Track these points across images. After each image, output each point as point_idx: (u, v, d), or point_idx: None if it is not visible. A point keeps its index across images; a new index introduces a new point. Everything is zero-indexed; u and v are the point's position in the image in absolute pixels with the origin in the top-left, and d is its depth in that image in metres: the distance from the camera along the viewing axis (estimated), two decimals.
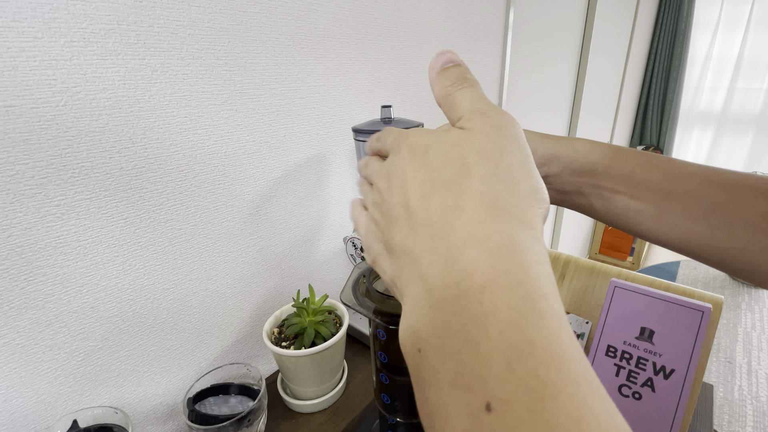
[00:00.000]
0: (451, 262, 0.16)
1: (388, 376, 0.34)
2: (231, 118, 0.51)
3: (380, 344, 0.33)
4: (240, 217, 0.55)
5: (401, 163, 0.20)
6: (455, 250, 0.16)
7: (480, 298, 0.14)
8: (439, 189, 0.18)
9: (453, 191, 0.17)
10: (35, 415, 0.41)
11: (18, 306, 0.38)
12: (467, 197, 0.17)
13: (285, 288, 0.65)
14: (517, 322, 0.14)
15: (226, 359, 0.59)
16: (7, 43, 0.33)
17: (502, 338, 0.14)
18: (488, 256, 0.15)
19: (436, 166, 0.18)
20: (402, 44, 0.74)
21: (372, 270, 0.35)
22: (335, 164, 0.67)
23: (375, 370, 0.35)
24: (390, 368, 0.34)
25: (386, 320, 0.29)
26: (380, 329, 0.33)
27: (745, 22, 2.75)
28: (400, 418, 0.36)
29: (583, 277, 0.51)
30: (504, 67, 1.09)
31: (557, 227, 1.99)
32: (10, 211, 0.36)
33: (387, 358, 0.33)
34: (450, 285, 0.15)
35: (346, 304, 0.31)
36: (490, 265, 0.15)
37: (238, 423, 0.42)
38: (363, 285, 0.33)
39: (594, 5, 1.61)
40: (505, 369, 0.13)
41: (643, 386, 0.42)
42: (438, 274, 0.16)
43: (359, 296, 0.31)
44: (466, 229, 0.16)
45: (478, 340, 0.14)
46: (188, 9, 0.44)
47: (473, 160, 0.18)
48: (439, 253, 0.16)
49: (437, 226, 0.17)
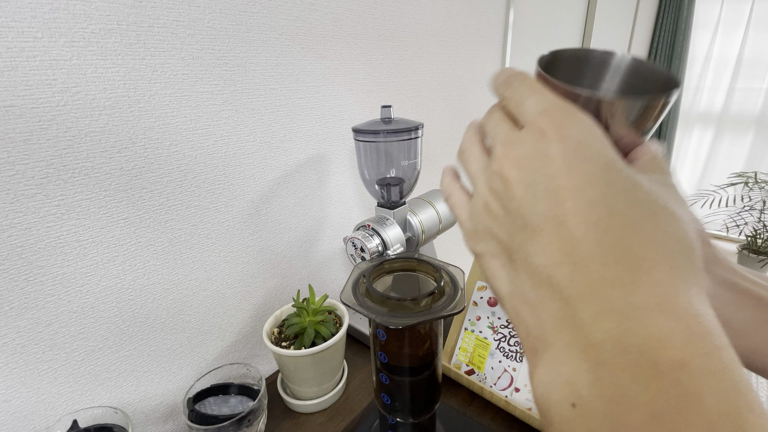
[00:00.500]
0: (636, 324, 0.14)
1: (388, 376, 0.34)
2: (231, 118, 0.51)
3: (380, 344, 0.33)
4: (240, 217, 0.55)
5: (556, 161, 0.15)
6: (642, 311, 0.14)
7: (677, 376, 0.13)
8: (621, 226, 0.14)
9: (640, 236, 0.14)
10: (35, 415, 0.41)
11: (18, 306, 0.38)
12: (657, 250, 0.14)
13: (285, 288, 0.65)
14: (730, 415, 0.12)
15: (226, 359, 0.59)
16: (7, 43, 0.33)
17: (711, 430, 0.12)
18: (686, 331, 0.13)
19: (618, 194, 0.15)
20: (402, 44, 0.74)
21: (372, 270, 0.34)
22: (335, 164, 0.67)
23: (375, 370, 0.35)
24: (390, 368, 0.34)
25: (386, 320, 0.29)
26: (380, 329, 0.32)
27: (745, 22, 2.75)
28: (400, 418, 0.36)
29: None
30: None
31: None
32: (10, 211, 0.36)
33: (387, 358, 0.33)
34: (630, 349, 0.13)
35: (346, 305, 0.31)
36: (688, 342, 0.13)
37: (238, 423, 0.42)
38: (363, 285, 0.32)
39: (594, 5, 1.61)
40: None
41: None
42: (611, 331, 0.14)
43: (359, 296, 0.31)
44: (657, 290, 0.14)
45: (674, 422, 0.12)
46: (188, 9, 0.44)
47: (665, 212, 0.15)
48: (616, 307, 0.14)
49: (614, 270, 0.14)
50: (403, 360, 0.33)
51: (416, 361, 0.33)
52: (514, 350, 0.51)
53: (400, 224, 0.57)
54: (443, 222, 0.64)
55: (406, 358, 0.33)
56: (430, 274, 0.35)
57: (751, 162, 2.92)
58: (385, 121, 0.54)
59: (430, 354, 0.34)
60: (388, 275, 0.36)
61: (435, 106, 0.88)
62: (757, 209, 2.39)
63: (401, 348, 0.33)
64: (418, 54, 0.78)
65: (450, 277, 0.33)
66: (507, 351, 0.51)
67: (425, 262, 0.35)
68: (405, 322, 0.28)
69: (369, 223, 0.55)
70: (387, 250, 0.54)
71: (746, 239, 2.43)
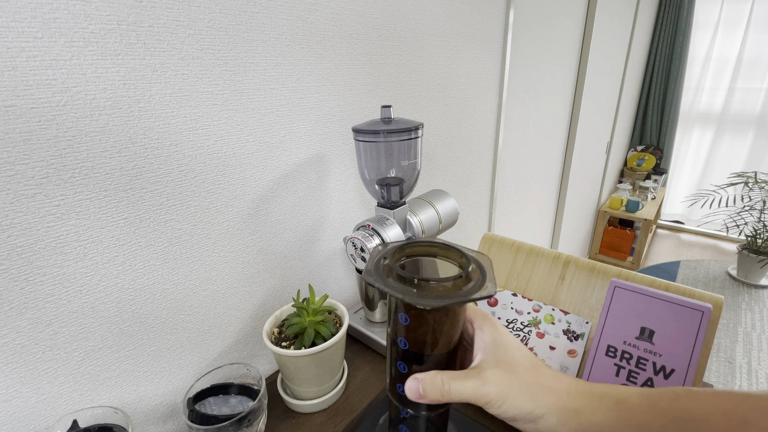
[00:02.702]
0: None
1: (407, 365, 0.32)
2: (231, 118, 0.51)
3: (402, 329, 0.31)
4: (240, 217, 0.55)
5: None
6: None
7: None
8: None
9: None
10: (35, 415, 0.41)
11: (18, 306, 0.38)
12: None
13: (285, 288, 0.65)
14: None
15: (226, 359, 0.59)
16: (7, 43, 0.33)
17: None
18: None
19: None
20: (402, 44, 0.74)
21: (395, 250, 0.33)
22: (335, 164, 0.67)
23: (391, 359, 0.33)
24: (410, 356, 0.31)
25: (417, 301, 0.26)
26: (402, 313, 0.30)
27: (745, 22, 2.75)
28: (414, 410, 0.34)
29: (583, 277, 0.51)
30: (504, 67, 1.09)
31: (557, 227, 1.99)
32: (10, 211, 0.36)
33: (408, 344, 0.31)
34: None
35: (370, 284, 0.29)
36: None
37: (238, 423, 0.42)
38: (385, 267, 0.31)
39: (594, 5, 1.61)
40: None
41: (643, 386, 0.42)
42: None
43: (382, 276, 0.29)
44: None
45: None
46: (188, 9, 0.44)
47: None
48: None
49: None
50: (425, 347, 0.31)
51: (439, 348, 0.32)
52: None
53: (400, 224, 0.57)
54: (443, 222, 0.64)
55: (429, 345, 0.31)
56: (454, 259, 0.33)
57: (751, 162, 2.92)
58: (385, 121, 0.54)
59: (452, 342, 0.33)
60: (409, 259, 0.35)
61: (435, 106, 0.88)
62: (757, 209, 2.39)
63: (425, 334, 0.31)
64: (418, 54, 0.78)
65: (477, 264, 0.32)
66: None
67: (451, 248, 0.33)
68: (436, 303, 0.26)
69: (369, 223, 0.55)
70: None
71: (746, 239, 2.43)
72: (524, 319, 0.52)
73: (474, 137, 1.06)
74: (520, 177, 1.41)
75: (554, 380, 0.29)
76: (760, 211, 2.36)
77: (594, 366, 0.45)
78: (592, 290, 0.50)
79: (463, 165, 1.05)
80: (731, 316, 2.17)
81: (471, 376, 0.28)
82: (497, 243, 0.58)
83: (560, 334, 0.49)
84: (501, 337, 0.31)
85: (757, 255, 2.36)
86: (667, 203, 3.41)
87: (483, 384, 0.28)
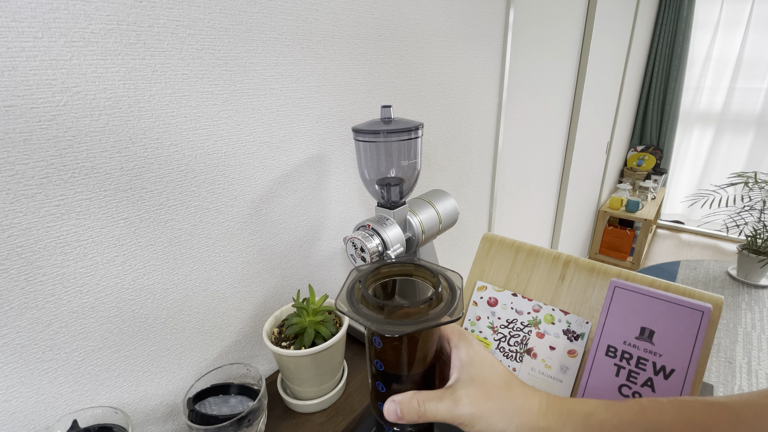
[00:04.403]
0: None
1: (385, 385, 0.33)
2: (231, 118, 0.51)
3: (376, 352, 0.32)
4: (240, 217, 0.55)
5: None
6: None
7: None
8: None
9: None
10: (35, 415, 0.41)
11: (18, 306, 0.38)
12: None
13: (285, 288, 0.65)
14: None
15: (226, 359, 0.59)
16: (7, 43, 0.33)
17: None
18: None
19: None
20: (402, 44, 0.74)
21: (368, 275, 0.34)
22: (335, 164, 0.67)
23: (371, 378, 0.34)
24: (386, 377, 0.33)
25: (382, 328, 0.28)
26: (376, 337, 0.31)
27: (745, 22, 2.75)
28: (398, 427, 0.35)
29: (583, 277, 0.51)
30: (504, 67, 1.09)
31: (557, 227, 1.99)
32: (10, 211, 0.36)
33: (383, 366, 0.32)
34: None
35: (340, 311, 0.30)
36: None
37: (238, 423, 0.42)
38: (359, 291, 0.32)
39: (594, 5, 1.61)
40: None
41: (643, 386, 0.42)
42: None
43: (354, 302, 0.31)
44: None
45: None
46: (188, 9, 0.44)
47: None
48: None
49: None
50: (400, 368, 0.32)
51: (415, 368, 0.33)
52: (514, 350, 0.51)
53: (400, 224, 0.57)
54: (443, 222, 0.64)
55: (404, 366, 0.32)
56: (428, 279, 0.35)
57: (751, 162, 2.92)
58: (385, 121, 0.54)
59: (428, 360, 0.33)
60: (385, 280, 0.36)
61: (435, 106, 0.88)
62: (757, 209, 2.39)
63: (398, 356, 0.32)
64: (418, 54, 0.78)
65: (448, 283, 0.33)
66: (507, 351, 0.51)
67: (423, 267, 0.35)
68: (401, 329, 0.27)
69: (369, 223, 0.55)
70: (387, 250, 0.54)
71: (746, 239, 2.42)
72: (524, 319, 0.52)
73: (474, 137, 1.06)
74: (520, 177, 1.41)
75: (526, 398, 0.30)
76: (760, 211, 2.36)
77: (594, 366, 0.45)
78: (592, 290, 0.50)
79: (463, 165, 1.05)
80: (731, 316, 2.17)
81: (445, 397, 0.29)
82: (497, 243, 0.58)
83: (560, 334, 0.49)
84: (476, 355, 0.32)
85: (757, 255, 2.36)
86: (667, 203, 3.41)
87: (456, 405, 0.29)
